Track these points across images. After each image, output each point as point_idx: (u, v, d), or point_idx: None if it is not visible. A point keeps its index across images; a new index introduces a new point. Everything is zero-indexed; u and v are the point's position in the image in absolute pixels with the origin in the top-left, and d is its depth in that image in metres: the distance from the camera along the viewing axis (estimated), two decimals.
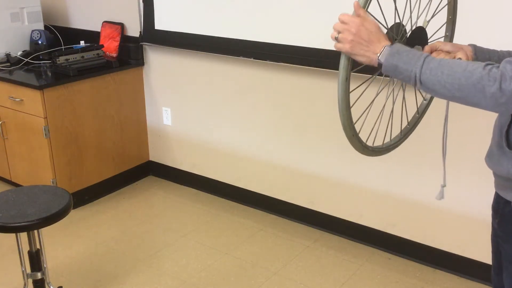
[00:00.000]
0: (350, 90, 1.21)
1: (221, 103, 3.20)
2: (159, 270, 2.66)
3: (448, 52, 1.35)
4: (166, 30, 3.22)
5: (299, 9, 2.65)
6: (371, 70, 1.27)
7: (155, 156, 3.69)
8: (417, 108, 1.54)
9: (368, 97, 1.38)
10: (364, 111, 1.34)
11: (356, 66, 1.25)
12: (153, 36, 3.31)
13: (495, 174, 1.31)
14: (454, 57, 1.33)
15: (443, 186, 1.45)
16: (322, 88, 2.76)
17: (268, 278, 2.59)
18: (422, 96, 1.55)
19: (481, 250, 2.48)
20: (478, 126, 2.28)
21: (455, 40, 1.52)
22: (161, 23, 3.24)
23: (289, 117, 2.94)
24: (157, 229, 3.05)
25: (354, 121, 1.26)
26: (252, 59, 2.91)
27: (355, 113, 1.25)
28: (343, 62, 1.19)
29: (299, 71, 2.80)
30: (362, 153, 1.35)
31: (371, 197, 2.76)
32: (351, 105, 1.23)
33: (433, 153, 2.51)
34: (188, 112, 3.38)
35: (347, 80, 1.19)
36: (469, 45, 1.38)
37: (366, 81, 1.35)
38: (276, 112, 2.99)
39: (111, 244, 2.90)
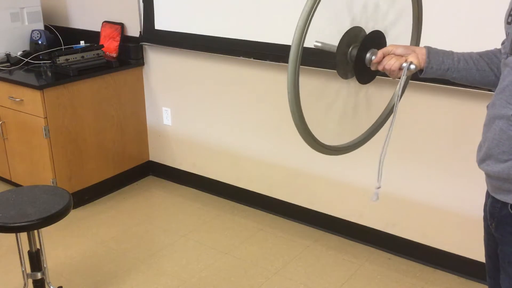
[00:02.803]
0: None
1: (221, 103, 3.20)
2: (159, 270, 2.66)
3: (400, 56, 1.35)
4: (166, 30, 3.22)
5: (299, 9, 2.65)
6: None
7: (155, 156, 3.69)
8: (387, 105, 1.54)
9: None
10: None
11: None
12: (153, 36, 3.31)
13: (491, 177, 1.30)
14: (406, 61, 1.34)
15: (378, 187, 1.47)
16: (323, 88, 2.76)
17: (268, 278, 2.59)
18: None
19: (481, 250, 2.47)
20: (477, 125, 2.28)
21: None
22: (161, 23, 3.24)
23: (289, 117, 2.92)
24: (157, 229, 3.05)
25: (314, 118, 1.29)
26: (252, 59, 2.91)
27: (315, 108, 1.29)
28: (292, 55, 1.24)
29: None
30: (317, 150, 1.38)
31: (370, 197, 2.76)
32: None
33: (433, 153, 2.51)
34: (188, 112, 3.38)
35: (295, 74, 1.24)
36: (424, 47, 1.38)
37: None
38: (276, 112, 2.99)
39: (111, 244, 2.90)
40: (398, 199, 2.68)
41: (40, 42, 3.50)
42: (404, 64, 1.34)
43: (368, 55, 1.37)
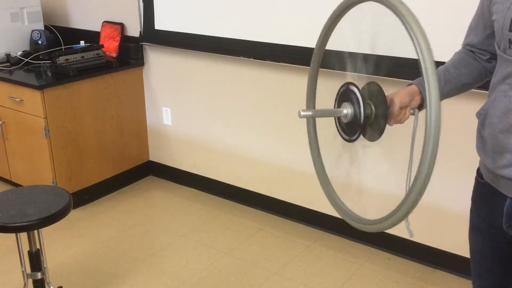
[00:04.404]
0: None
1: (221, 103, 3.20)
2: (159, 270, 2.66)
3: (405, 106, 1.33)
4: (166, 30, 3.23)
5: (299, 9, 2.66)
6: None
7: (155, 156, 3.69)
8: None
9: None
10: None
11: None
12: (153, 36, 3.31)
13: (508, 179, 1.29)
14: (411, 108, 1.32)
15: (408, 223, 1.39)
16: (322, 88, 2.75)
17: (268, 278, 2.59)
18: None
19: None
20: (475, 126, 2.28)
21: None
22: (161, 23, 3.24)
23: (289, 117, 2.94)
24: (157, 229, 3.05)
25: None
26: (252, 59, 2.91)
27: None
28: None
29: (299, 71, 2.80)
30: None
31: (371, 197, 2.76)
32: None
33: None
34: (188, 112, 3.38)
35: None
36: (413, 85, 1.36)
37: None
38: (276, 112, 2.99)
39: (111, 244, 2.90)
40: (398, 199, 2.68)
41: (40, 42, 3.50)
42: (412, 111, 1.34)
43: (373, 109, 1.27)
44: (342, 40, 1.31)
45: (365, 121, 1.26)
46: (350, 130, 1.32)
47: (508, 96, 1.23)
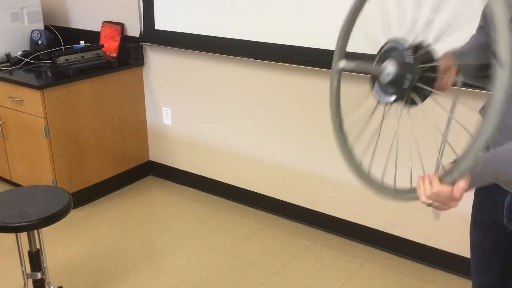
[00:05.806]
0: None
1: (221, 103, 3.20)
2: (159, 270, 2.66)
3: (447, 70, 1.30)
4: (166, 30, 3.23)
5: (299, 9, 2.66)
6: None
7: (155, 156, 3.69)
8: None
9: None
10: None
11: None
12: (153, 36, 3.31)
13: None
14: (447, 71, 1.27)
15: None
16: (322, 87, 2.76)
17: (268, 278, 2.59)
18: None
19: None
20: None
21: None
22: (161, 23, 3.25)
23: (289, 117, 2.94)
24: (157, 229, 3.06)
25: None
26: (252, 59, 2.91)
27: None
28: None
29: (299, 71, 2.80)
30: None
31: (371, 197, 2.76)
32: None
33: (433, 153, 2.50)
34: (188, 112, 3.38)
35: None
36: (451, 55, 1.33)
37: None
38: (276, 112, 2.99)
39: (111, 244, 2.90)
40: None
41: (40, 42, 3.50)
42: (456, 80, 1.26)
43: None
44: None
45: (411, 82, 1.13)
46: (389, 91, 1.18)
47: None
